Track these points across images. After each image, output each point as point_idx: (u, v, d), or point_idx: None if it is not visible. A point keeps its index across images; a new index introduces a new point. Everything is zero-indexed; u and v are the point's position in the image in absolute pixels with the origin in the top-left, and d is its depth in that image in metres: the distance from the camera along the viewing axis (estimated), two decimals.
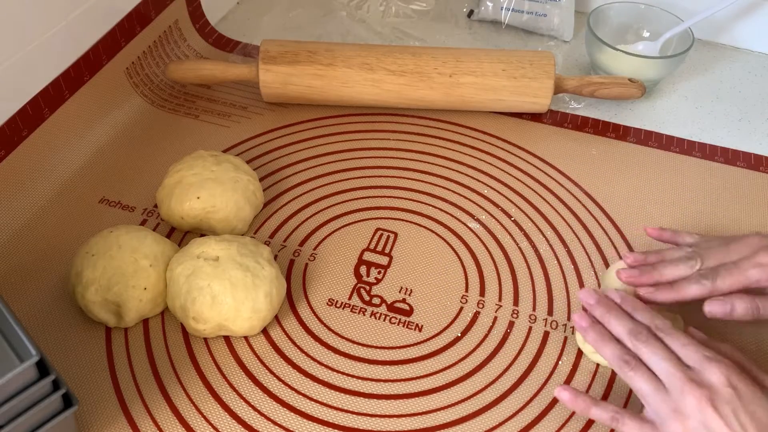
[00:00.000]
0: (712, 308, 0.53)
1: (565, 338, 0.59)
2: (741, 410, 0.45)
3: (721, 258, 0.55)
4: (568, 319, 0.60)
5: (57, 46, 0.68)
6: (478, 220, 0.68)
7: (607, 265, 0.64)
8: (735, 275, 0.53)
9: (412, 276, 0.63)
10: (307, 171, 0.72)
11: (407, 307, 0.61)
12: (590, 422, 0.53)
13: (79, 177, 0.69)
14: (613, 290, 0.55)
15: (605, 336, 0.52)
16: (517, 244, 0.66)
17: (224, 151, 0.72)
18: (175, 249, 0.60)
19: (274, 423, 0.52)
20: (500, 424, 0.53)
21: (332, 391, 0.54)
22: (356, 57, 0.76)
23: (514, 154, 0.75)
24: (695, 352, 0.48)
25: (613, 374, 0.56)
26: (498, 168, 0.74)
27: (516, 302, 0.61)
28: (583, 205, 0.70)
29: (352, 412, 0.53)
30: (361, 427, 0.52)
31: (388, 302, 0.61)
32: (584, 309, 0.55)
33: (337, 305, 0.60)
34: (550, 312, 0.61)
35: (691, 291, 0.54)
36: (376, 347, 0.58)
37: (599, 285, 0.63)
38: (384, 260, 0.64)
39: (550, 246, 0.66)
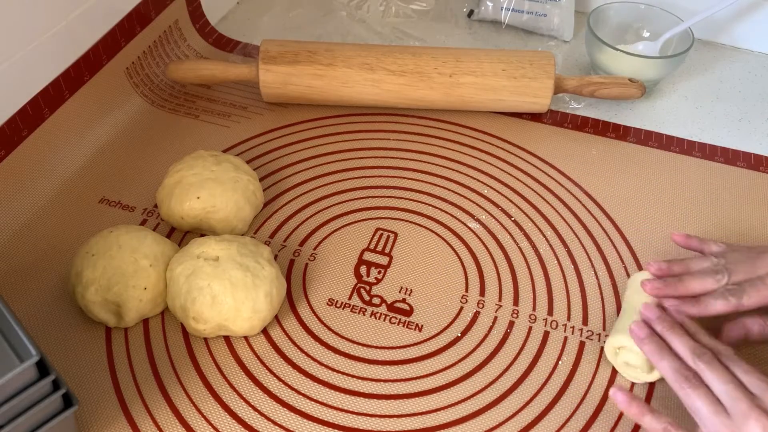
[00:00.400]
0: (731, 334, 0.53)
1: (565, 338, 0.59)
2: None
3: (748, 272, 0.54)
4: (568, 319, 0.60)
5: (57, 46, 0.68)
6: (478, 220, 0.68)
7: (607, 264, 0.64)
8: (762, 292, 0.53)
9: (412, 276, 0.63)
10: (307, 171, 0.72)
11: (407, 307, 0.61)
12: (590, 423, 0.53)
13: (79, 177, 0.69)
14: (652, 306, 0.54)
15: (664, 349, 0.51)
16: (517, 244, 0.66)
17: (224, 151, 0.72)
18: (175, 249, 0.60)
19: (274, 423, 0.52)
20: (500, 424, 0.53)
21: (332, 391, 0.54)
22: (356, 57, 0.76)
23: (514, 154, 0.75)
24: (759, 379, 0.47)
25: (612, 379, 0.56)
26: (498, 168, 0.74)
27: (516, 302, 0.61)
28: (583, 205, 0.70)
29: (352, 412, 0.53)
30: (361, 427, 0.52)
31: (388, 302, 0.61)
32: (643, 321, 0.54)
33: (337, 305, 0.60)
34: (550, 312, 0.61)
35: (717, 307, 0.53)
36: (376, 347, 0.58)
37: (599, 284, 0.63)
38: (384, 260, 0.64)
39: (550, 246, 0.66)
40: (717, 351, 0.50)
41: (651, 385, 0.55)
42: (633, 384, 0.56)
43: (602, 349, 0.58)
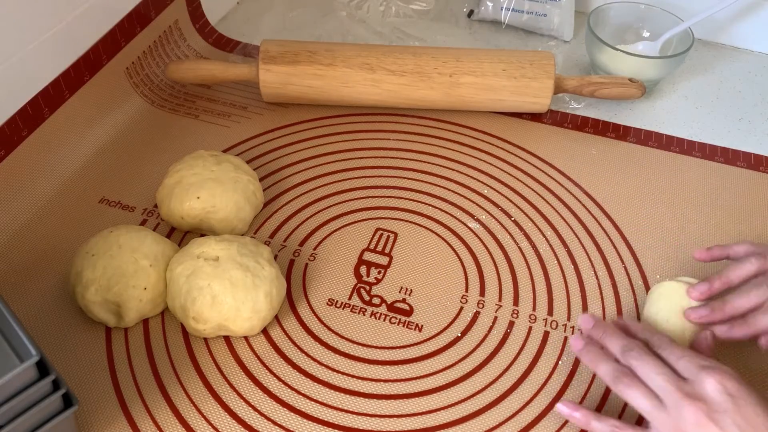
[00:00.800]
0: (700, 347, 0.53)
1: (565, 338, 0.59)
2: (739, 417, 0.44)
3: None
4: (568, 319, 0.60)
5: (57, 46, 0.68)
6: (478, 220, 0.68)
7: (606, 264, 0.64)
8: None
9: (412, 276, 0.63)
10: (307, 171, 0.72)
11: (407, 307, 0.61)
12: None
13: (79, 177, 0.69)
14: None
15: (600, 355, 0.51)
16: (517, 244, 0.66)
17: (224, 151, 0.72)
18: (175, 249, 0.60)
19: (274, 423, 0.52)
20: (500, 424, 0.53)
21: (332, 391, 0.54)
22: (356, 57, 0.75)
23: (514, 154, 0.75)
24: (691, 362, 0.47)
25: None
26: (498, 168, 0.74)
27: (516, 302, 0.61)
28: (583, 205, 0.70)
29: (352, 412, 0.53)
30: (361, 427, 0.52)
31: (388, 302, 0.61)
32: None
33: (337, 305, 0.60)
34: (550, 312, 0.61)
35: (765, 322, 0.52)
36: (376, 347, 0.58)
37: (599, 284, 0.63)
38: (384, 260, 0.64)
39: (550, 246, 0.66)
40: (651, 342, 0.50)
41: None
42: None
43: None
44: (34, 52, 0.65)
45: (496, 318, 0.60)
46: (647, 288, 0.63)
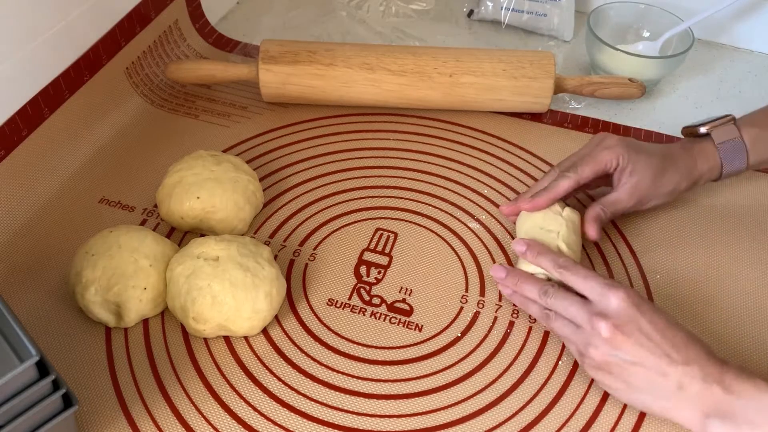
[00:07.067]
0: (593, 234, 0.61)
1: None
2: (644, 322, 0.50)
3: (575, 156, 0.64)
4: None
5: (57, 46, 0.68)
6: (478, 220, 0.68)
7: (606, 264, 0.64)
8: (591, 162, 0.62)
9: (412, 276, 0.63)
10: (307, 171, 0.72)
11: (407, 307, 0.61)
12: (591, 422, 0.53)
13: (79, 177, 0.69)
14: (520, 239, 0.60)
15: (526, 300, 0.58)
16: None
17: (224, 151, 0.72)
18: (175, 249, 0.60)
19: (274, 423, 0.52)
20: (500, 424, 0.53)
21: (332, 391, 0.54)
22: (356, 57, 0.75)
23: (514, 154, 0.75)
24: (594, 283, 0.53)
25: None
26: (498, 168, 0.74)
27: None
28: (584, 206, 0.70)
29: (352, 412, 0.53)
30: (361, 427, 0.52)
31: (388, 302, 0.61)
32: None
33: (337, 305, 0.60)
34: None
35: (562, 185, 0.62)
36: (376, 347, 0.58)
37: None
38: (384, 260, 0.64)
39: None
40: (558, 265, 0.56)
41: None
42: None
43: None
44: (34, 52, 0.65)
45: (496, 318, 0.60)
46: (647, 288, 0.63)
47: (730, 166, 0.66)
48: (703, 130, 0.66)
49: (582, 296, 0.54)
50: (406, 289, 0.62)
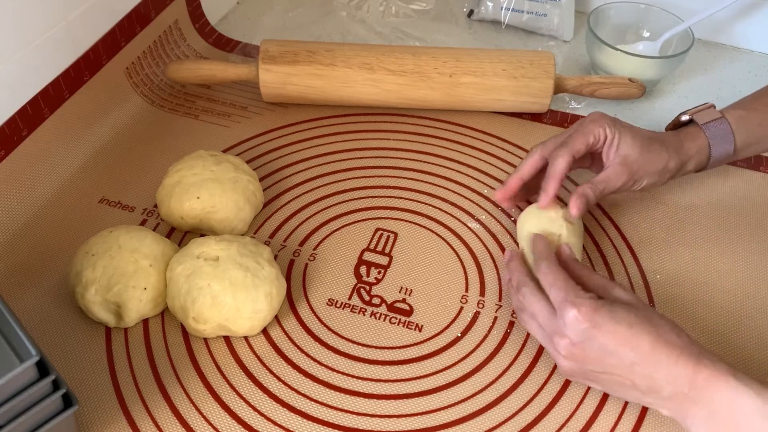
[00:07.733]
0: (575, 211, 0.60)
1: None
2: (602, 336, 0.49)
3: (562, 136, 0.64)
4: None
5: (57, 46, 0.68)
6: (478, 220, 0.68)
7: (606, 264, 0.64)
8: (580, 136, 0.62)
9: (412, 276, 0.63)
10: (307, 171, 0.72)
11: (407, 307, 0.61)
12: (591, 422, 0.53)
13: (79, 177, 0.69)
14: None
15: (511, 288, 0.58)
16: (518, 244, 0.66)
17: (224, 151, 0.72)
18: (175, 249, 0.60)
19: (274, 423, 0.52)
20: (500, 424, 0.53)
21: (332, 391, 0.54)
22: (356, 57, 0.76)
23: (514, 154, 0.75)
24: (555, 294, 0.52)
25: None
26: (498, 168, 0.74)
27: None
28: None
29: (352, 412, 0.53)
30: (361, 427, 0.52)
31: (388, 302, 0.61)
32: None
33: (337, 305, 0.60)
34: None
35: (559, 165, 0.61)
36: (376, 347, 0.58)
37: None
38: (384, 260, 0.64)
39: None
40: (537, 266, 0.55)
41: None
42: None
43: None
44: (34, 52, 0.65)
45: (496, 318, 0.60)
46: (647, 287, 0.63)
47: (718, 147, 0.65)
48: (684, 117, 0.67)
49: None
50: (406, 289, 0.62)
